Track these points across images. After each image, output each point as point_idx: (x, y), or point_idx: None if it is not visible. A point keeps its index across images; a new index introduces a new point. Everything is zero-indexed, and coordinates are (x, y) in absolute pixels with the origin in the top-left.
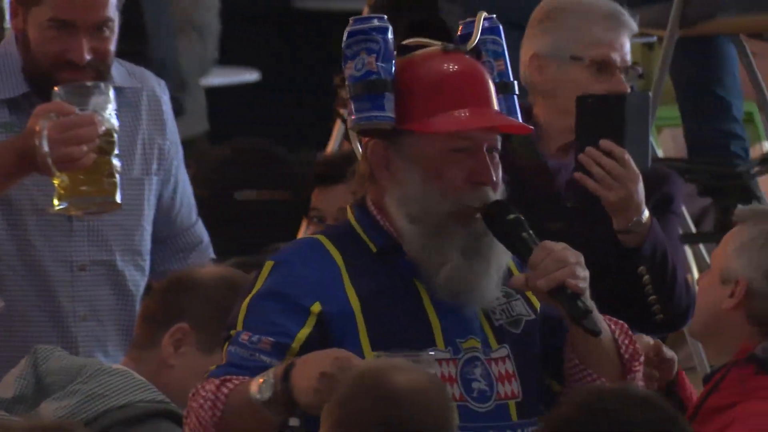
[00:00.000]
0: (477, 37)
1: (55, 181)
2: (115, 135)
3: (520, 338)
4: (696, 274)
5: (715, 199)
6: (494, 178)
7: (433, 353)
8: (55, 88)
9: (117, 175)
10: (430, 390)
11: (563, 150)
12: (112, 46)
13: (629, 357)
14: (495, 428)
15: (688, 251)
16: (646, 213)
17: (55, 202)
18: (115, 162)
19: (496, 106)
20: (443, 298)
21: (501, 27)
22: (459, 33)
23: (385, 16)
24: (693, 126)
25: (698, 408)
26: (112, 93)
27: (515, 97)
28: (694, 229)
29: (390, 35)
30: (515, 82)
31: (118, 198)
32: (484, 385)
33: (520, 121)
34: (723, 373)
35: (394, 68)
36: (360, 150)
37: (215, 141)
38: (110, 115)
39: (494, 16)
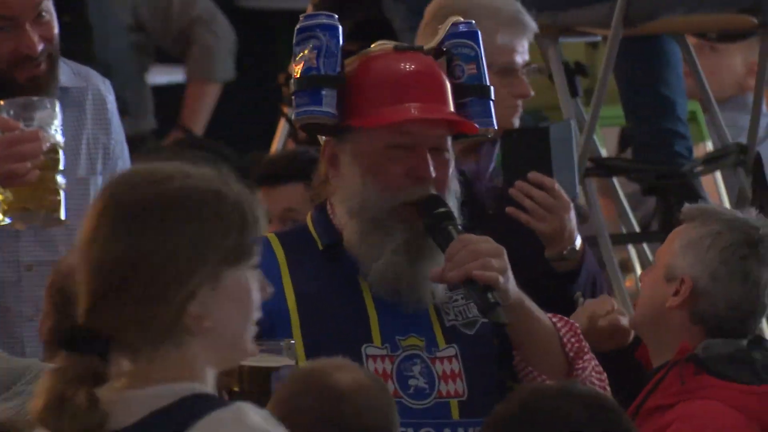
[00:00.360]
0: (440, 38)
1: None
2: (60, 151)
3: (473, 339)
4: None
5: (659, 198)
6: (434, 174)
7: (293, 341)
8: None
9: (62, 192)
10: (372, 388)
11: (466, 152)
12: (56, 29)
13: (574, 355)
14: (432, 425)
15: (632, 251)
16: (579, 239)
17: (1, 216)
18: (60, 179)
19: (450, 106)
20: (383, 295)
21: (478, 33)
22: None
23: (335, 15)
24: (637, 125)
25: (638, 408)
26: (58, 108)
27: (491, 102)
28: (638, 229)
29: (338, 32)
30: (491, 88)
31: (62, 215)
32: (422, 383)
33: (494, 125)
34: (663, 373)
35: (339, 66)
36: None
37: (161, 139)
38: (55, 130)
39: (473, 21)
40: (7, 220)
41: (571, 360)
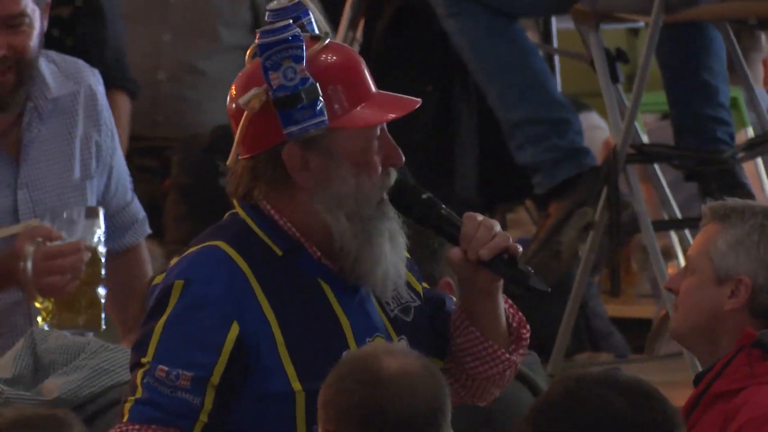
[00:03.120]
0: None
1: (38, 304)
2: (102, 264)
3: (413, 325)
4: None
5: (700, 185)
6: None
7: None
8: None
9: (102, 303)
10: (419, 375)
11: None
12: (32, 42)
13: (516, 325)
14: None
15: (674, 237)
16: None
17: (39, 320)
18: (100, 290)
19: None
20: (378, 292)
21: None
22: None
23: (291, 21)
24: (679, 112)
25: (702, 394)
26: (101, 216)
27: None
28: (680, 216)
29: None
30: None
31: (102, 326)
32: None
33: None
34: (728, 358)
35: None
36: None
37: None
38: (98, 240)
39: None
40: (46, 327)
41: (514, 330)
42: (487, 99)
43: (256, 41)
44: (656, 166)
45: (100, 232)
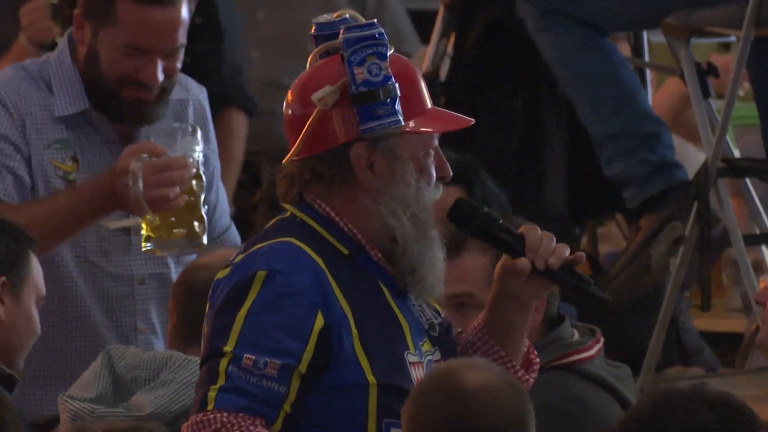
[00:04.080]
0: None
1: (144, 223)
2: (204, 178)
3: (441, 340)
4: None
5: None
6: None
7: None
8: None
9: (205, 219)
10: (502, 390)
11: None
12: (179, 64)
13: (527, 347)
14: None
15: (765, 252)
16: None
17: (143, 243)
18: (204, 206)
19: None
20: (424, 297)
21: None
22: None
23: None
24: None
25: None
26: (199, 134)
27: None
28: None
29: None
30: None
31: (204, 241)
32: None
33: None
34: None
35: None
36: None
37: None
38: (198, 156)
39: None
40: (149, 246)
41: (525, 354)
42: (576, 112)
43: (340, 37)
44: (747, 180)
45: (199, 150)
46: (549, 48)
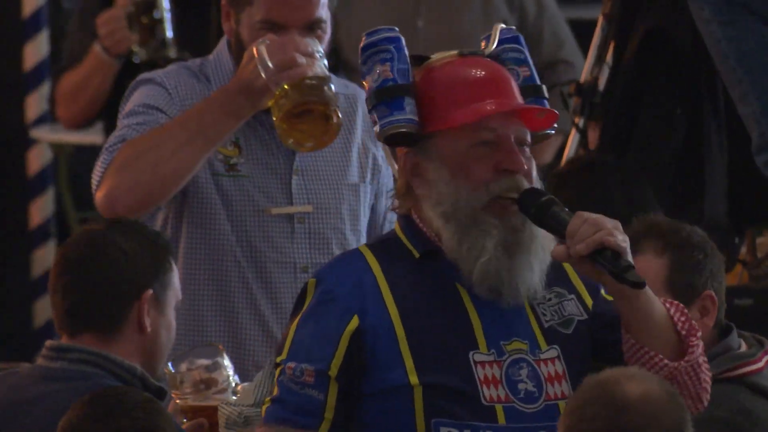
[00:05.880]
0: (495, 42)
1: (271, 102)
2: (327, 66)
3: (571, 338)
4: None
5: None
6: (525, 167)
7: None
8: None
9: (333, 87)
10: (662, 400)
11: None
12: (324, 46)
13: (686, 333)
14: (544, 428)
15: None
16: None
17: (274, 119)
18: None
19: (519, 99)
20: (483, 295)
21: (521, 37)
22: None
23: (396, 28)
24: None
25: None
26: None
27: (546, 101)
28: None
29: (403, 44)
30: (544, 87)
31: (335, 119)
32: (531, 386)
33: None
34: None
35: (411, 75)
36: (395, 165)
37: None
38: (321, 56)
39: (514, 27)
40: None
41: (684, 338)
42: (739, 113)
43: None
44: None
45: (319, 56)
46: (724, 42)
